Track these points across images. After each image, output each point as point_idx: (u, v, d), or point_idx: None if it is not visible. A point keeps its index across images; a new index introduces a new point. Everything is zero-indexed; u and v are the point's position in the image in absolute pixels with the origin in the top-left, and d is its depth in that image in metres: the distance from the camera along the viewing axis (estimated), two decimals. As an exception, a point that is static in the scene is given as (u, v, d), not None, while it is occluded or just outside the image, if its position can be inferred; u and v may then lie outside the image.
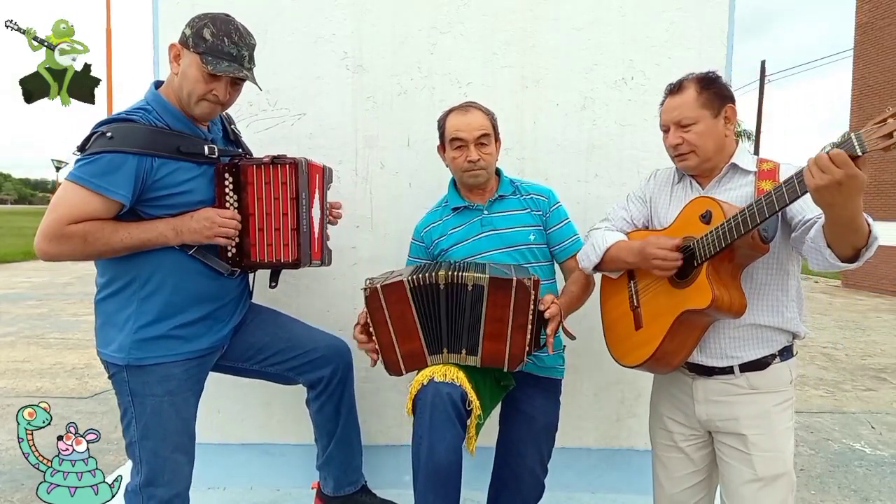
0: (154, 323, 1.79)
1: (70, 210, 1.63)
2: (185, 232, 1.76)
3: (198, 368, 1.91)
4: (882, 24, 13.41)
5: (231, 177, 1.86)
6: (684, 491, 1.83)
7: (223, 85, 1.80)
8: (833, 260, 1.45)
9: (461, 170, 2.05)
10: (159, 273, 1.79)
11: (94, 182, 1.64)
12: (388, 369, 1.87)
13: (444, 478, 1.73)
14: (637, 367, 1.78)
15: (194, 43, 1.76)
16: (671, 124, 1.72)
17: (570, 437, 2.63)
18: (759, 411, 1.66)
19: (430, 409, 1.73)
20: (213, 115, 1.87)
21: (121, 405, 1.83)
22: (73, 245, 1.65)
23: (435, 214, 2.20)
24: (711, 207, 1.60)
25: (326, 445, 2.17)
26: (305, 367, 2.08)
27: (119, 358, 1.78)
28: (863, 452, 3.90)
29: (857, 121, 14.07)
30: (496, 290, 1.78)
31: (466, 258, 2.05)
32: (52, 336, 7.03)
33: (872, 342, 7.70)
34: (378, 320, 1.83)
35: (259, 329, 2.07)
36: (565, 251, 2.12)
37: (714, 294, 1.54)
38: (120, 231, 1.69)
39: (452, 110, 2.09)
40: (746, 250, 1.56)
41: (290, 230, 1.89)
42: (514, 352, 1.81)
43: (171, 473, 1.83)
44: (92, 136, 1.69)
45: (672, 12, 2.51)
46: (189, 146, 1.79)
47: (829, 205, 1.36)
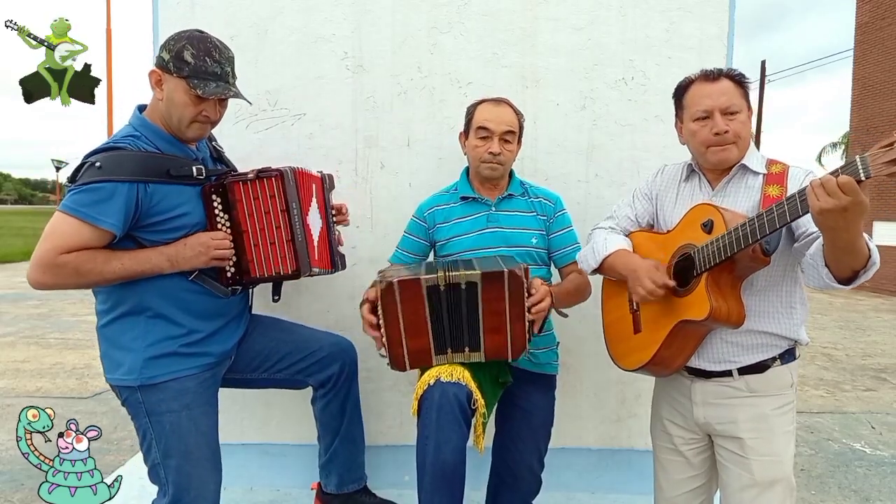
0: (164, 341, 1.79)
1: (62, 240, 1.63)
2: (181, 261, 1.76)
3: (212, 380, 1.91)
4: (882, 24, 13.41)
5: (219, 197, 1.85)
6: (683, 494, 1.82)
7: (212, 105, 1.80)
8: (829, 280, 1.43)
9: (480, 160, 2.04)
10: (162, 297, 1.78)
11: (84, 212, 1.63)
12: (392, 364, 1.87)
13: (450, 478, 1.73)
14: (634, 371, 1.78)
15: (176, 67, 1.74)
16: (716, 110, 1.62)
17: (570, 437, 2.63)
18: (758, 414, 1.64)
19: (436, 409, 1.73)
20: (205, 135, 1.89)
21: (139, 429, 1.82)
22: (66, 275, 1.65)
23: (442, 198, 2.18)
24: (713, 216, 1.57)
25: (331, 443, 2.17)
26: (313, 367, 2.08)
27: (130, 380, 1.76)
28: (863, 452, 3.90)
29: (857, 121, 14.08)
30: (490, 284, 1.78)
31: (466, 251, 2.05)
32: (52, 336, 7.02)
33: (872, 342, 7.70)
34: (390, 314, 1.81)
35: (262, 337, 2.07)
36: (564, 257, 2.13)
37: (712, 306, 1.52)
38: (112, 262, 1.69)
39: (485, 100, 2.09)
40: (747, 262, 1.54)
41: (285, 242, 1.89)
42: (516, 341, 1.83)
43: (198, 490, 1.82)
44: (82, 167, 1.69)
45: (672, 12, 2.51)
46: (178, 169, 1.78)
47: (831, 228, 1.33)
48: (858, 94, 14.11)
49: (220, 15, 2.52)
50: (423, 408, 1.78)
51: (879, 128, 12.92)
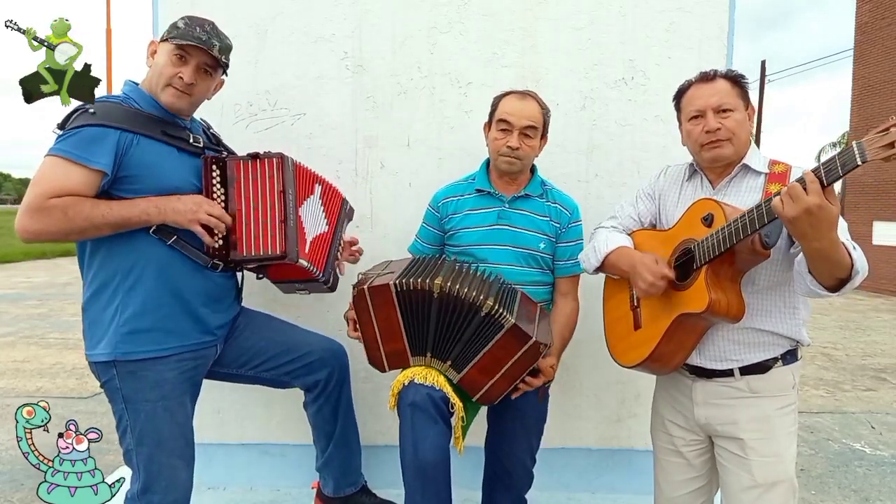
0: (139, 315, 1.75)
1: (52, 184, 1.62)
2: (169, 211, 1.73)
3: (193, 371, 1.87)
4: (882, 24, 13.41)
5: (218, 170, 1.86)
6: (683, 496, 1.82)
7: (190, 69, 1.80)
8: (814, 287, 1.45)
9: (499, 153, 2.02)
10: (140, 264, 1.75)
11: (76, 153, 1.63)
12: (371, 363, 1.93)
13: (430, 475, 1.74)
14: (634, 368, 1.77)
15: (168, 32, 1.80)
16: (709, 109, 1.65)
17: (570, 437, 2.63)
18: (759, 415, 1.64)
19: (410, 408, 1.76)
20: (178, 106, 1.83)
21: (115, 413, 1.81)
22: (54, 219, 1.61)
23: (458, 188, 2.16)
24: (713, 210, 1.58)
25: (325, 447, 2.16)
26: (301, 370, 2.07)
27: (106, 354, 1.74)
28: (863, 452, 3.90)
29: (857, 121, 14.07)
30: (511, 337, 1.78)
31: (473, 245, 2.05)
32: (52, 336, 7.02)
33: (872, 342, 7.70)
34: (364, 319, 1.86)
35: (254, 334, 2.05)
36: (564, 269, 2.11)
37: (711, 298, 1.52)
38: (101, 206, 1.66)
39: (511, 92, 2.06)
40: (747, 255, 1.55)
41: (277, 223, 1.88)
42: (491, 391, 1.85)
43: (168, 479, 1.81)
44: (73, 113, 1.69)
45: (672, 12, 2.51)
46: (174, 131, 1.80)
47: (802, 235, 1.36)
48: (858, 94, 14.11)
49: (220, 15, 2.50)
50: (400, 408, 1.81)
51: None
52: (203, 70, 1.83)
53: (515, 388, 1.87)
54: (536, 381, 1.91)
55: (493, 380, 1.83)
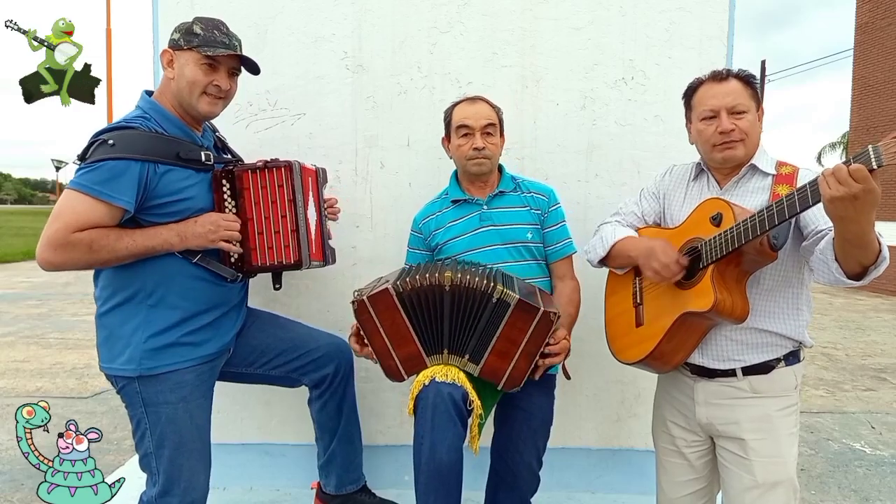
0: (165, 332, 1.78)
1: (75, 218, 1.62)
2: (190, 237, 1.76)
3: (209, 374, 1.90)
4: (882, 24, 13.40)
5: (228, 182, 1.86)
6: (684, 497, 1.82)
7: (223, 75, 1.82)
8: (839, 275, 1.43)
9: (465, 157, 2.06)
10: (165, 282, 1.78)
11: (98, 189, 1.63)
12: (388, 376, 1.88)
13: (445, 477, 1.73)
14: (634, 364, 1.77)
15: (186, 41, 1.78)
16: (723, 109, 1.64)
17: (570, 437, 2.63)
18: (761, 415, 1.64)
19: (431, 408, 1.73)
20: (215, 112, 1.87)
21: (132, 417, 1.82)
22: (79, 253, 1.63)
23: (434, 206, 2.20)
24: (722, 210, 1.57)
25: (328, 444, 2.17)
26: (309, 366, 2.08)
27: (129, 370, 1.75)
28: (863, 452, 3.90)
29: (857, 121, 14.07)
30: (520, 313, 1.77)
31: (464, 252, 2.06)
32: (52, 336, 7.02)
33: (872, 342, 7.70)
34: (370, 330, 1.83)
35: (260, 332, 2.06)
36: (556, 253, 2.13)
37: (716, 298, 1.52)
38: (124, 238, 1.68)
39: (460, 101, 2.12)
40: (754, 256, 1.54)
41: (289, 232, 1.90)
42: (514, 374, 1.83)
43: (188, 482, 1.82)
44: (93, 144, 1.68)
45: (672, 12, 2.51)
46: (188, 152, 1.79)
47: (841, 218, 1.33)
48: (858, 94, 14.10)
49: (219, 15, 2.49)
50: (419, 407, 1.78)
51: (879, 128, 12.90)
52: (231, 74, 1.86)
53: (536, 367, 1.85)
54: (556, 359, 1.88)
55: (512, 362, 1.81)
